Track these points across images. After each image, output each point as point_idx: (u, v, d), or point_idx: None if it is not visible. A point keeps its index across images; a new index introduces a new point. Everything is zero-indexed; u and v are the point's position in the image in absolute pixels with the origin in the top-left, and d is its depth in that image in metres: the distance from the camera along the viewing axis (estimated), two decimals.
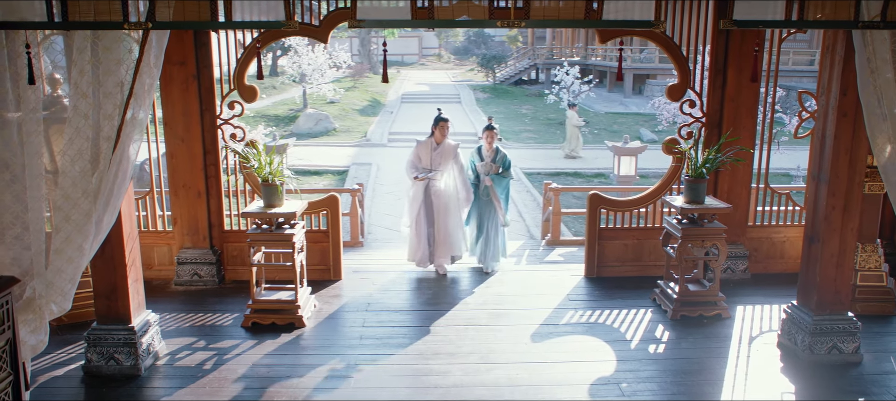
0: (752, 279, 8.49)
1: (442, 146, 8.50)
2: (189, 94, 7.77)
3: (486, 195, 8.75)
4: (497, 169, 8.72)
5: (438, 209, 8.50)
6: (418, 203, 8.49)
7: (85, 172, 4.49)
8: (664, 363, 6.32)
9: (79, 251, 4.49)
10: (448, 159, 8.47)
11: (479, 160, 8.80)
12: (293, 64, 31.36)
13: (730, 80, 8.07)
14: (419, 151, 8.56)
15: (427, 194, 8.48)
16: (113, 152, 4.57)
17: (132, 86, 4.52)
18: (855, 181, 6.11)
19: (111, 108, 4.51)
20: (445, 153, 8.48)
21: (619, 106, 36.35)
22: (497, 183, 8.69)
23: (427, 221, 8.53)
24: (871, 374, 6.15)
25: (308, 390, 5.77)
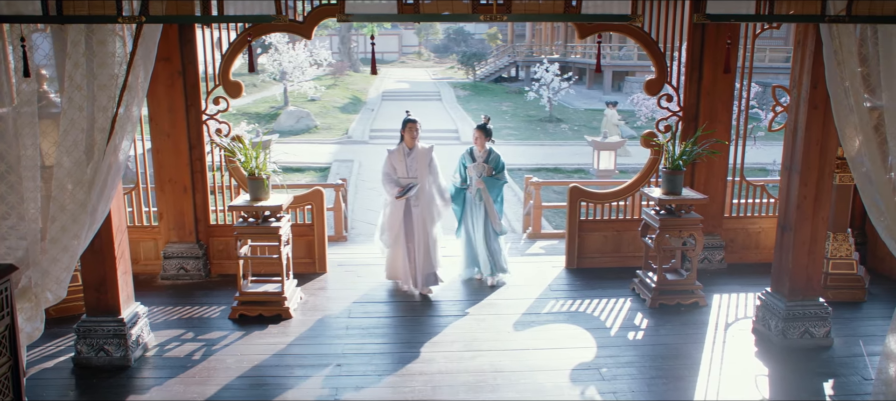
0: (728, 269, 8.71)
1: (415, 151, 7.78)
2: (174, 90, 7.85)
3: (479, 199, 8.10)
4: (490, 171, 8.09)
5: (418, 222, 7.78)
6: (398, 218, 7.77)
7: (79, 163, 4.59)
8: (643, 349, 6.51)
9: (74, 240, 4.60)
10: (424, 164, 7.78)
11: (469, 162, 8.14)
12: (274, 62, 31.35)
13: (706, 74, 8.28)
14: (392, 160, 7.80)
15: (408, 207, 7.76)
16: (107, 143, 4.67)
17: (126, 78, 4.63)
18: (825, 172, 6.32)
19: (105, 100, 4.62)
20: (420, 158, 7.77)
21: (598, 103, 36.63)
22: (490, 186, 8.09)
23: (407, 236, 7.81)
24: (842, 357, 6.37)
25: (296, 378, 5.89)
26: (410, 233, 7.78)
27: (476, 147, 8.14)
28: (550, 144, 26.16)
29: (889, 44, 4.55)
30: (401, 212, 7.73)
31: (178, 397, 5.56)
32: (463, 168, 8.19)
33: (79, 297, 6.77)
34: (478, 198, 8.11)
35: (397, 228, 7.77)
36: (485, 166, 8.07)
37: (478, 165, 8.08)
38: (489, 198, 8.10)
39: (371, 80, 45.81)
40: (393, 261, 7.95)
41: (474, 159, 8.11)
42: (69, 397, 5.63)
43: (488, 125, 8.13)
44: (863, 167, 5.00)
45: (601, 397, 5.59)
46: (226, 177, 8.36)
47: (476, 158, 8.10)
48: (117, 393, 5.63)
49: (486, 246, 8.14)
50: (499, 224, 8.18)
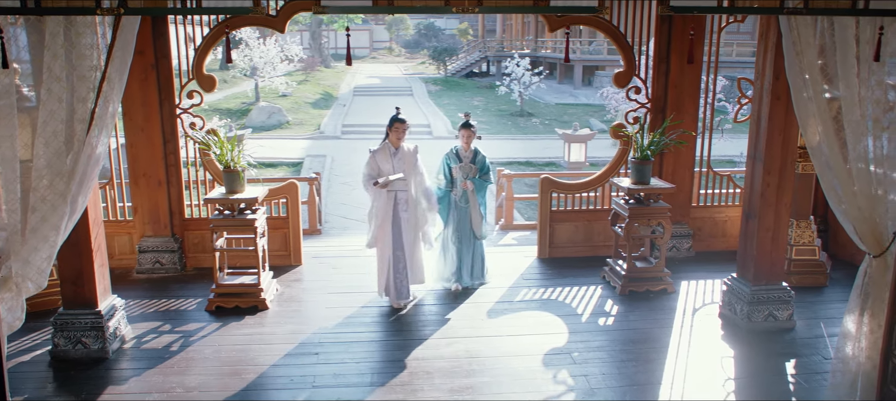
0: (695, 257, 8.93)
1: (401, 151, 7.23)
2: (148, 83, 7.86)
3: (464, 202, 7.67)
4: (475, 172, 7.66)
5: (408, 227, 7.29)
6: (387, 222, 7.21)
7: (59, 153, 4.64)
8: (613, 334, 6.68)
9: (54, 230, 4.65)
10: (411, 164, 7.28)
11: (455, 162, 7.68)
12: (244, 57, 31.20)
13: (673, 67, 8.47)
14: (377, 160, 7.18)
15: (396, 210, 7.22)
16: (87, 134, 4.73)
17: (105, 70, 4.69)
18: (788, 160, 6.54)
19: (85, 91, 4.67)
20: (407, 158, 7.25)
21: (569, 97, 36.99)
22: (477, 188, 7.67)
23: (395, 243, 7.27)
24: (804, 338, 6.60)
25: (275, 367, 5.97)
26: (398, 241, 7.26)
27: (461, 147, 7.68)
28: (522, 138, 26.35)
29: (845, 35, 4.74)
30: (390, 213, 7.21)
31: (156, 387, 5.61)
32: (447, 169, 7.70)
33: (54, 291, 6.78)
34: (463, 201, 7.68)
35: (386, 231, 7.24)
36: (471, 168, 7.65)
37: (464, 165, 7.64)
38: (476, 201, 7.68)
39: (342, 75, 45.77)
40: (380, 271, 7.37)
41: (460, 160, 7.66)
42: (47, 389, 5.65)
43: (470, 120, 7.70)
44: (822, 155, 5.19)
45: (573, 380, 5.75)
46: (200, 171, 8.39)
47: (462, 159, 7.66)
48: (96, 385, 5.67)
49: (470, 252, 7.79)
50: (481, 229, 7.78)
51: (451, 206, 7.72)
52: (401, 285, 7.29)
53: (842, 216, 5.00)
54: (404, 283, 7.31)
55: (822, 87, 5.16)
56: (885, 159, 4.89)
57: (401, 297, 7.30)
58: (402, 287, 7.30)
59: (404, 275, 7.30)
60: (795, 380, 5.85)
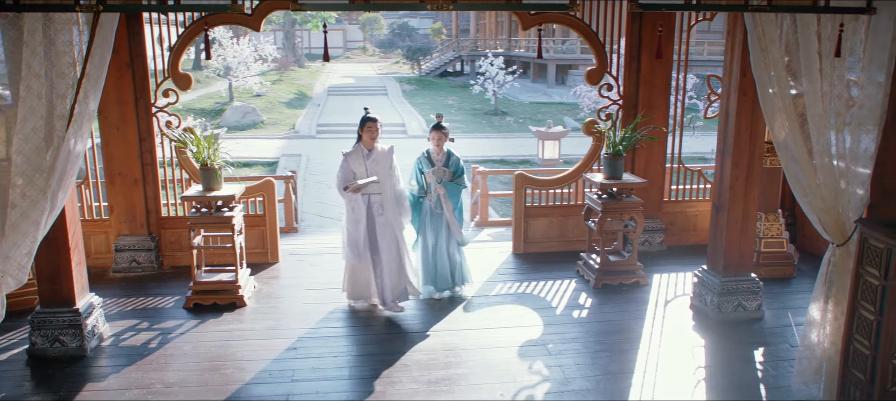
0: (667, 251, 9.10)
1: (375, 152, 6.93)
2: (123, 82, 7.86)
3: (439, 208, 7.31)
4: (449, 175, 7.34)
5: (384, 231, 7.00)
6: (361, 226, 6.93)
7: (39, 150, 4.67)
8: (587, 326, 6.81)
9: (35, 226, 4.67)
10: (386, 167, 6.96)
11: (427, 166, 7.33)
12: (218, 57, 31.05)
13: (644, 64, 8.62)
14: (350, 163, 6.93)
15: (370, 214, 6.95)
16: (66, 131, 4.76)
17: (84, 66, 4.73)
18: (755, 154, 6.71)
19: (64, 88, 4.70)
20: (382, 160, 6.93)
21: (542, 96, 37.21)
22: (451, 192, 7.31)
23: (371, 247, 7.00)
24: (772, 327, 6.78)
25: (254, 362, 6.03)
26: (375, 245, 6.99)
27: (433, 149, 7.36)
28: (496, 137, 26.50)
29: (807, 32, 4.90)
30: (363, 223, 6.91)
31: (136, 384, 5.64)
32: (419, 174, 7.37)
33: (31, 290, 6.78)
34: (437, 206, 7.32)
35: (361, 242, 6.93)
36: (445, 171, 7.31)
37: (437, 169, 7.29)
38: (450, 206, 7.30)
39: (316, 75, 45.69)
40: (354, 278, 7.09)
41: (432, 163, 7.32)
42: (25, 388, 5.65)
43: (442, 122, 7.37)
44: (787, 150, 5.34)
45: (548, 371, 5.86)
46: (177, 170, 8.40)
47: (434, 162, 7.32)
48: (75, 382, 5.68)
49: (448, 258, 7.45)
50: (461, 234, 7.44)
51: (426, 212, 7.38)
52: (384, 288, 7.00)
53: (807, 207, 5.15)
54: (388, 285, 7.00)
55: (787, 83, 5.31)
56: (847, 153, 5.05)
57: (383, 302, 7.03)
58: (385, 290, 7.00)
59: (383, 278, 7.00)
60: (763, 367, 6.02)
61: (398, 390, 5.55)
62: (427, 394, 5.50)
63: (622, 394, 5.51)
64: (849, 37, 4.81)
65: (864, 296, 4.34)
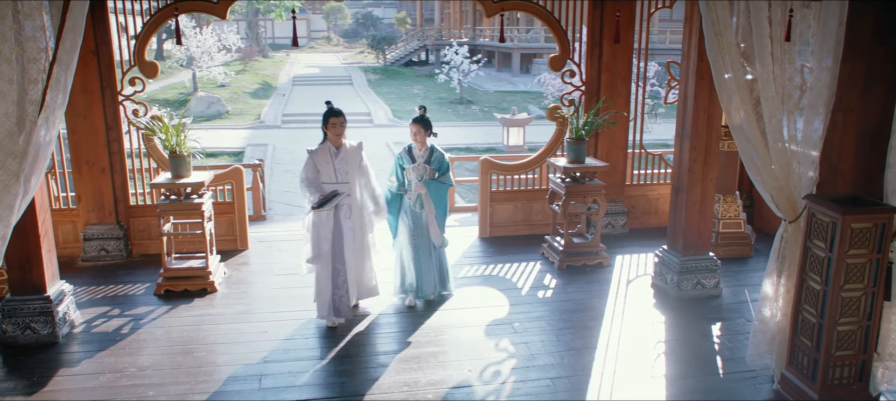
0: (630, 233, 9.34)
1: (343, 150, 6.39)
2: (88, 70, 7.84)
3: (419, 207, 6.81)
4: (432, 173, 6.82)
5: (352, 238, 6.47)
6: (327, 235, 6.33)
7: (11, 134, 4.71)
8: (552, 305, 7.01)
9: (8, 210, 4.71)
10: (355, 165, 6.45)
11: (408, 162, 6.82)
12: (181, 47, 30.76)
13: (606, 51, 8.82)
14: (316, 161, 6.37)
15: (337, 219, 6.37)
16: (39, 115, 4.81)
17: (56, 51, 4.79)
18: (712, 137, 6.95)
19: (35, 72, 4.76)
20: (350, 158, 6.41)
21: (507, 84, 37.48)
22: (433, 191, 6.78)
23: (337, 256, 6.40)
24: (729, 303, 7.04)
25: (226, 344, 6.12)
26: (340, 252, 6.41)
27: (415, 144, 6.81)
28: (462, 125, 26.67)
29: (759, 17, 5.10)
30: (329, 225, 6.34)
31: (109, 368, 5.70)
32: (400, 170, 6.89)
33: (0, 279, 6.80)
34: (418, 205, 6.82)
35: (324, 247, 6.35)
36: (426, 168, 6.78)
37: (418, 166, 6.77)
38: (431, 206, 6.80)
39: (281, 65, 45.45)
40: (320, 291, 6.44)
41: (413, 159, 6.80)
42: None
43: (425, 114, 6.86)
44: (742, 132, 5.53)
45: (514, 348, 6.05)
46: (144, 160, 8.42)
47: (415, 158, 6.80)
48: (47, 368, 5.72)
49: (430, 261, 6.96)
50: (439, 237, 6.92)
51: (405, 211, 6.90)
52: (339, 302, 6.43)
53: (760, 186, 5.37)
54: (344, 300, 6.44)
55: (742, 67, 5.52)
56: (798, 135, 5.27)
57: (337, 314, 6.44)
58: (340, 304, 6.43)
59: (344, 291, 6.44)
60: (720, 341, 6.27)
61: (368, 368, 5.69)
62: (397, 372, 5.65)
63: (585, 368, 5.72)
64: (798, 22, 5.03)
65: (812, 267, 4.58)
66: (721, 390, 5.43)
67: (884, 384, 5.10)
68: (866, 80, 5.02)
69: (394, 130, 25.11)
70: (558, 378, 5.55)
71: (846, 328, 4.47)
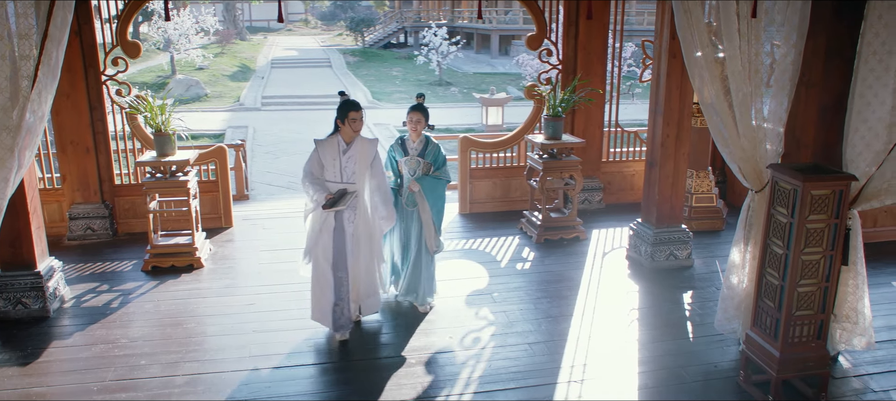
0: (606, 208, 9.60)
1: (354, 146, 5.69)
2: (71, 50, 7.83)
3: (411, 205, 6.23)
4: (427, 167, 6.19)
5: (356, 244, 5.83)
6: (327, 237, 5.68)
7: (5, 108, 4.85)
8: (530, 276, 7.25)
9: (3, 183, 4.86)
10: (365, 165, 5.73)
11: (401, 155, 6.22)
12: (158, 30, 30.60)
13: (581, 30, 9.03)
14: (321, 154, 5.70)
15: (339, 225, 5.69)
16: (31, 90, 4.96)
17: (47, 27, 4.93)
18: (684, 113, 7.20)
19: (28, 48, 4.89)
20: (360, 157, 5.70)
21: (486, 66, 37.62)
22: (428, 189, 6.13)
23: (338, 262, 5.70)
24: (701, 273, 7.32)
25: (214, 316, 6.30)
26: (342, 260, 5.71)
27: (409, 135, 6.18)
28: (441, 107, 26.78)
29: None
30: (330, 226, 5.68)
31: (101, 339, 5.86)
32: (394, 163, 6.29)
33: None
34: (410, 203, 6.22)
35: (325, 248, 5.71)
36: (420, 162, 6.14)
37: (411, 159, 6.15)
38: (426, 206, 6.16)
39: (259, 48, 45.26)
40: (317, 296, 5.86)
41: (406, 152, 6.18)
42: None
43: (423, 103, 6.16)
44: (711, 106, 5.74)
45: (493, 316, 6.28)
46: (128, 142, 8.53)
47: (409, 151, 6.16)
48: (40, 340, 5.87)
49: (416, 266, 6.33)
50: (436, 242, 6.28)
51: (399, 209, 6.29)
52: (340, 316, 5.74)
53: (728, 157, 5.60)
54: (346, 313, 5.76)
55: (710, 44, 5.73)
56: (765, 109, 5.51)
57: (339, 328, 5.78)
58: (342, 317, 5.75)
59: (347, 302, 5.75)
60: (691, 308, 6.55)
61: (354, 335, 5.89)
62: (383, 336, 5.87)
63: (562, 334, 5.96)
64: None
65: (775, 233, 4.82)
66: (691, 353, 5.70)
67: (841, 344, 5.40)
68: (827, 55, 5.26)
69: (373, 112, 25.20)
70: (535, 343, 5.79)
71: (806, 290, 4.73)
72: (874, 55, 4.92)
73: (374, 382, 5.24)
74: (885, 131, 4.97)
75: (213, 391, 5.08)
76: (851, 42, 5.07)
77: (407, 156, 6.19)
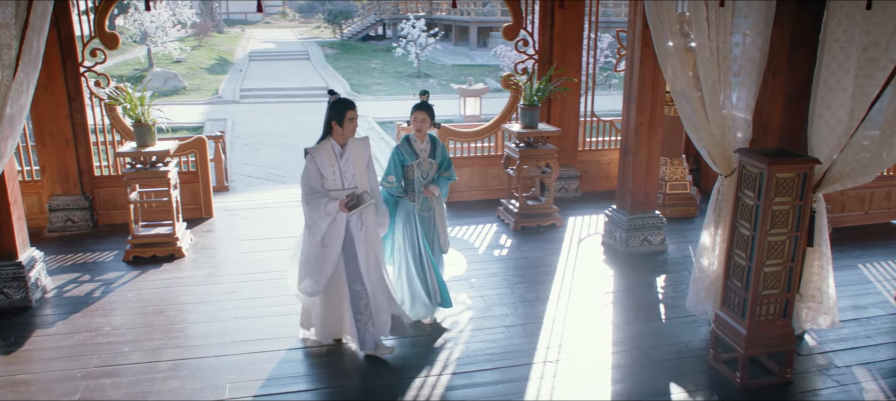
0: (582, 196, 9.76)
1: (349, 148, 5.24)
2: (49, 41, 7.73)
3: (424, 209, 5.82)
4: (436, 169, 5.85)
5: (366, 253, 5.35)
6: (334, 248, 5.26)
7: None
8: (507, 262, 7.39)
9: None
10: (363, 166, 5.31)
11: (411, 159, 5.74)
12: (134, 23, 30.40)
13: (557, 20, 9.17)
14: (319, 163, 5.16)
15: (348, 232, 5.26)
16: (13, 79, 5.01)
17: (27, 17, 4.99)
18: (657, 101, 7.35)
19: (8, 38, 4.95)
20: (358, 157, 5.28)
21: (465, 58, 37.72)
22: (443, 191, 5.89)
23: (352, 275, 5.32)
24: (674, 258, 7.50)
25: (196, 304, 6.39)
26: (355, 273, 5.32)
27: (415, 136, 5.78)
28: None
29: None
30: (339, 236, 5.24)
31: (84, 328, 5.92)
32: (399, 167, 5.78)
33: None
34: (423, 208, 5.82)
35: (334, 268, 5.29)
36: (432, 164, 5.81)
37: (422, 161, 5.77)
38: (442, 208, 5.93)
39: (236, 40, 45.08)
40: (325, 313, 5.48)
41: (416, 154, 5.77)
42: None
43: (428, 100, 5.86)
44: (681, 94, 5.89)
45: (471, 301, 6.42)
46: (108, 134, 8.55)
47: (418, 153, 5.77)
48: (22, 329, 5.92)
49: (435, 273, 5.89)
50: (447, 241, 6.10)
51: (411, 215, 5.81)
52: (364, 331, 5.35)
53: (698, 143, 5.76)
54: (370, 327, 5.36)
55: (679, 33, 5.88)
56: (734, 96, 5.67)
57: (365, 346, 5.38)
58: (366, 333, 5.35)
59: (368, 316, 5.35)
60: (664, 291, 6.72)
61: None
62: None
63: (538, 317, 6.11)
64: None
65: (743, 215, 4.98)
66: (663, 333, 5.87)
67: (807, 323, 5.58)
68: (792, 43, 5.43)
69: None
70: (512, 326, 5.93)
71: (772, 270, 4.90)
72: (836, 43, 5.08)
73: (354, 363, 5.35)
74: (846, 117, 5.15)
75: (196, 376, 5.17)
76: (816, 30, 5.23)
77: (417, 159, 5.76)
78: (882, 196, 8.80)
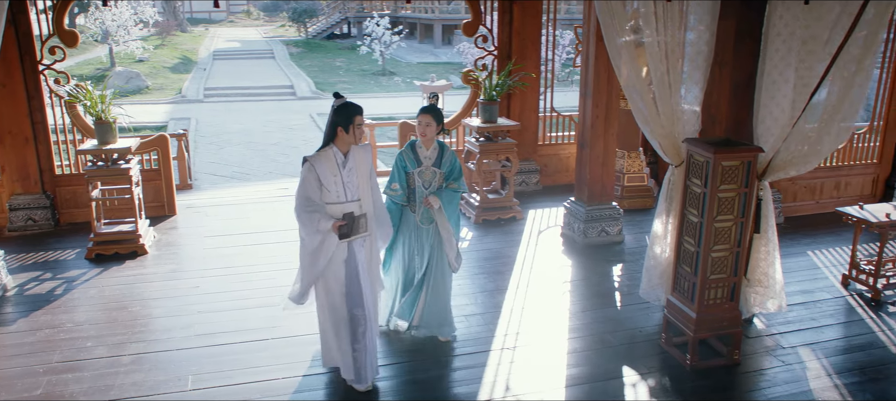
0: (543, 190, 9.93)
1: (352, 156, 4.78)
2: (6, 38, 7.80)
3: (428, 222, 5.45)
4: (441, 179, 5.44)
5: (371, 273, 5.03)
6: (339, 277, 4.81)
7: None
8: (468, 254, 7.51)
9: None
10: (366, 176, 4.87)
11: (415, 166, 5.41)
12: (95, 21, 30.04)
13: (516, 16, 9.32)
14: (319, 172, 4.67)
15: (350, 253, 4.79)
16: None
17: None
18: (612, 95, 7.53)
19: None
20: (362, 166, 4.83)
21: (429, 56, 37.86)
22: (447, 202, 5.35)
23: (353, 299, 4.81)
24: (631, 249, 7.70)
25: (159, 300, 6.43)
26: (356, 293, 4.82)
27: (420, 142, 5.42)
28: (385, 96, 26.99)
29: None
30: (340, 264, 4.79)
31: (46, 325, 5.93)
32: (403, 175, 5.45)
33: None
34: (425, 219, 5.46)
35: (338, 293, 4.84)
36: (436, 173, 5.42)
37: (424, 170, 5.41)
38: (445, 222, 5.39)
39: (200, 39, 44.66)
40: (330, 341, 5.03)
41: (420, 162, 5.41)
42: None
43: (437, 104, 5.64)
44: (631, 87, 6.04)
45: None
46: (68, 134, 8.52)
47: (422, 161, 5.41)
48: None
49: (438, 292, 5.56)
50: (455, 261, 5.56)
51: (411, 227, 5.54)
52: (361, 363, 4.86)
53: (649, 134, 5.93)
54: (371, 358, 4.91)
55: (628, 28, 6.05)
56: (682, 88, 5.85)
57: (361, 380, 4.90)
58: (365, 365, 4.87)
59: (366, 345, 4.85)
60: (620, 279, 6.91)
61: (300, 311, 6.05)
62: None
63: (497, 306, 6.26)
64: None
65: (691, 203, 5.17)
66: (618, 319, 6.05)
67: (756, 307, 5.80)
68: (737, 36, 5.63)
69: (317, 102, 25.23)
70: (472, 315, 6.07)
71: (719, 255, 5.09)
72: (779, 36, 5.29)
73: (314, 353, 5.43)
74: (789, 108, 5.37)
75: (159, 369, 5.22)
76: (760, 23, 5.43)
77: (420, 166, 5.41)
78: (831, 186, 9.12)
